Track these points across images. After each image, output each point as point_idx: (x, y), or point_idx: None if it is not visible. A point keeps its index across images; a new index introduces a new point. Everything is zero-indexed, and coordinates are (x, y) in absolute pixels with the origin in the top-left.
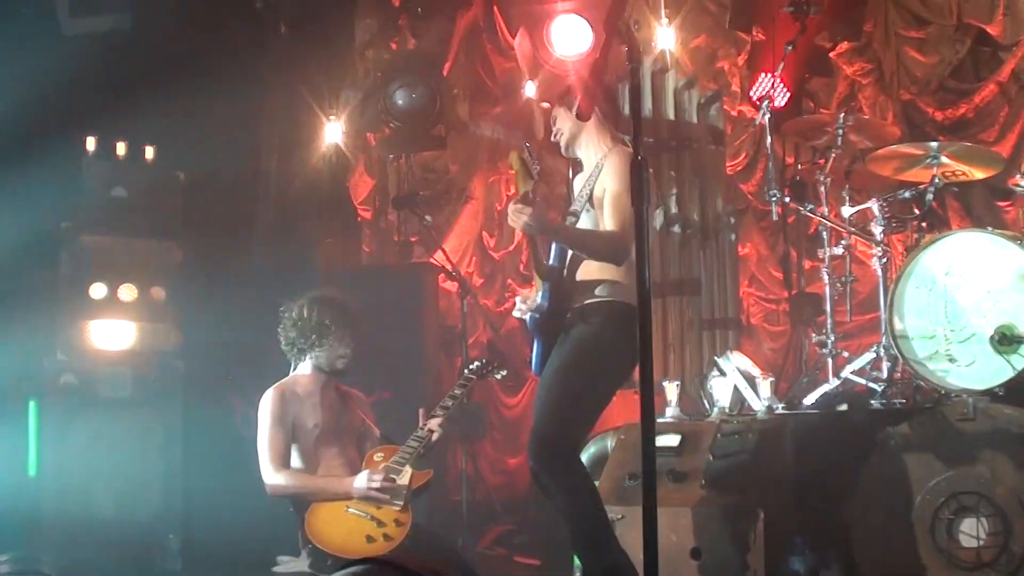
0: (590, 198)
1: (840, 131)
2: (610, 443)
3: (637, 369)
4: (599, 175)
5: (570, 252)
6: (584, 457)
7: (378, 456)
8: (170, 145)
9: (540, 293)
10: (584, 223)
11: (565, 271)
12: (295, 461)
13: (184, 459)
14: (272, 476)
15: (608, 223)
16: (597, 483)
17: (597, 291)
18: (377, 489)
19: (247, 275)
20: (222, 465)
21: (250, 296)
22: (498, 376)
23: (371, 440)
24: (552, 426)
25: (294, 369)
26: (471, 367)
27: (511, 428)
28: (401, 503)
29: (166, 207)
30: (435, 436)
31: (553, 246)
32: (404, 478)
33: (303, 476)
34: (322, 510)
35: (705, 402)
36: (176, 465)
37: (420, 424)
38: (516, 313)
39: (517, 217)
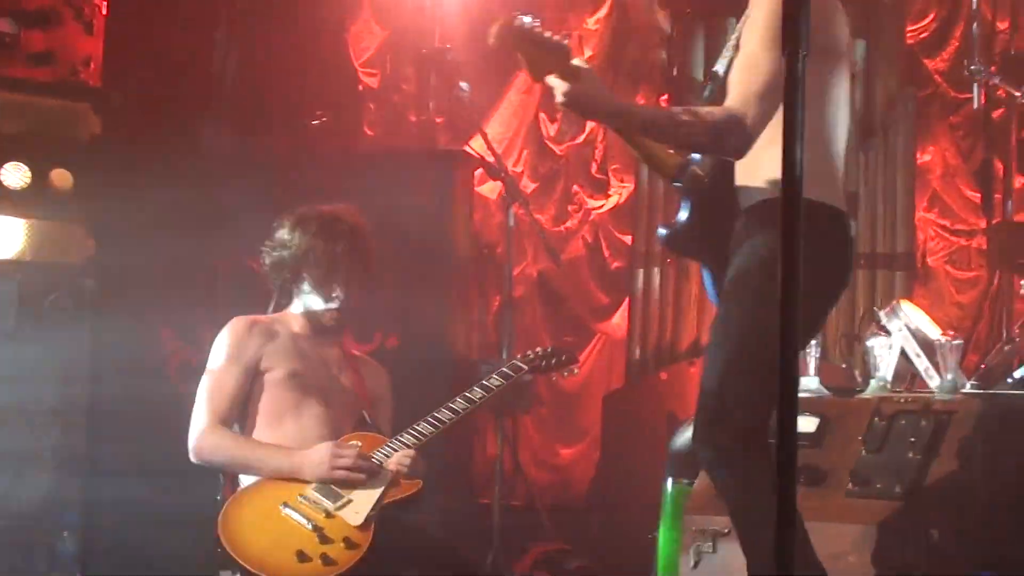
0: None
1: None
2: None
3: None
4: (745, 20)
5: None
6: (679, 443)
7: (352, 446)
8: None
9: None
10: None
11: (713, 166)
12: (260, 420)
13: (89, 421)
14: (200, 432)
15: (729, 93)
16: (695, 482)
17: (759, 187)
18: (347, 468)
19: (196, 158)
20: (144, 431)
21: (198, 190)
22: (566, 374)
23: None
24: (721, 396)
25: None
26: (527, 356)
27: (565, 405)
28: (361, 519)
29: (76, 49)
30: (401, 470)
31: None
32: (380, 480)
33: (241, 439)
34: (246, 502)
35: (857, 372)
36: (78, 429)
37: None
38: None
39: (556, 93)
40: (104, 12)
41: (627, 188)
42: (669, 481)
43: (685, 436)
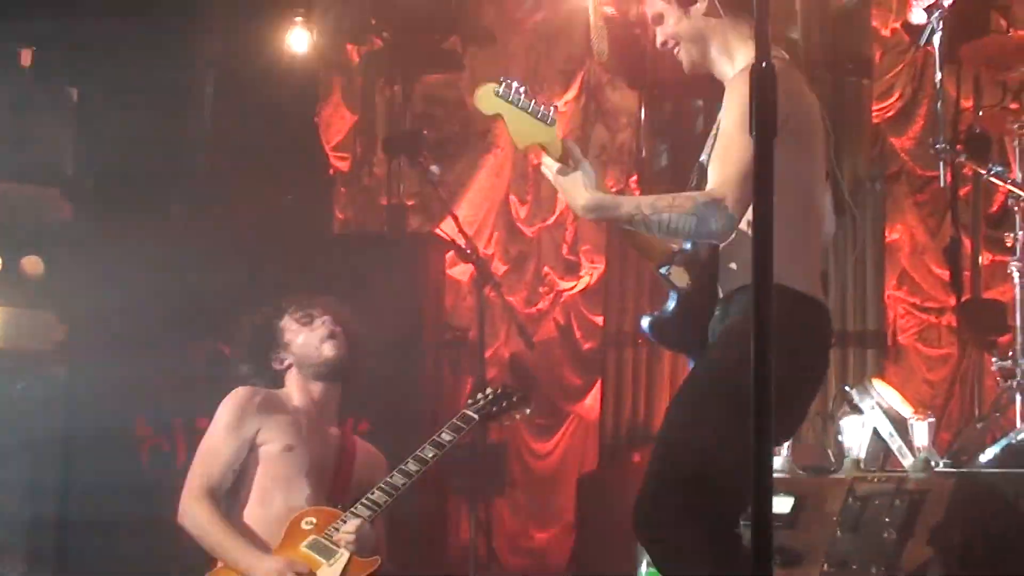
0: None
1: None
2: None
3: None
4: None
5: None
6: None
7: (307, 523)
8: (58, 48)
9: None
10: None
11: (705, 251)
12: (252, 494)
13: (61, 511)
14: (189, 501)
15: (709, 177)
16: None
17: (744, 273)
18: None
19: (166, 243)
20: (120, 521)
21: (169, 274)
22: (517, 416)
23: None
24: (668, 481)
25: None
26: (476, 401)
27: (541, 486)
28: None
29: (50, 137)
30: (348, 544)
31: None
32: (336, 565)
33: (217, 520)
34: None
35: (830, 452)
36: (49, 520)
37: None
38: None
39: (546, 172)
40: (75, 99)
41: (598, 269)
42: (644, 565)
43: None
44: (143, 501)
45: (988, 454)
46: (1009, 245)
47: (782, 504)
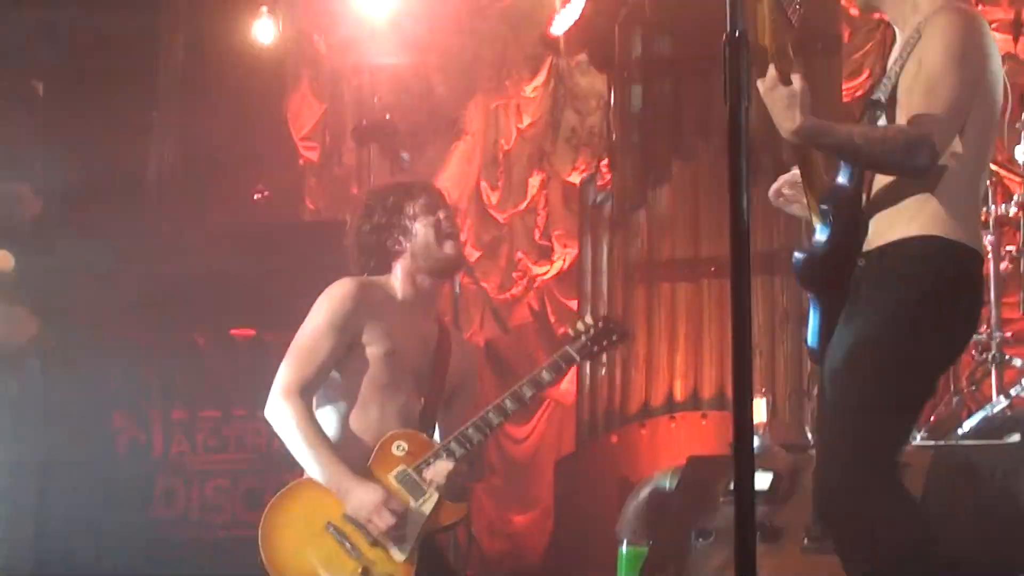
0: (895, 85)
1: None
2: (668, 486)
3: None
4: (914, 47)
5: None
6: (633, 505)
7: (399, 447)
8: (22, 41)
9: (819, 225)
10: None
11: (861, 192)
12: (354, 395)
13: (40, 507)
14: (279, 397)
15: (908, 112)
16: (649, 543)
17: (907, 223)
18: (385, 528)
19: (137, 237)
20: (97, 516)
21: (142, 267)
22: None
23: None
24: (850, 462)
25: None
26: (577, 336)
27: (518, 471)
28: (405, 553)
29: (16, 132)
30: (440, 485)
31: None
32: (425, 506)
33: (312, 426)
34: (289, 512)
35: (807, 428)
36: (26, 517)
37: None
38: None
39: (775, 101)
40: (40, 93)
41: (571, 253)
42: (624, 544)
43: (639, 499)
44: (121, 491)
45: (965, 427)
46: (983, 220)
47: (761, 480)
